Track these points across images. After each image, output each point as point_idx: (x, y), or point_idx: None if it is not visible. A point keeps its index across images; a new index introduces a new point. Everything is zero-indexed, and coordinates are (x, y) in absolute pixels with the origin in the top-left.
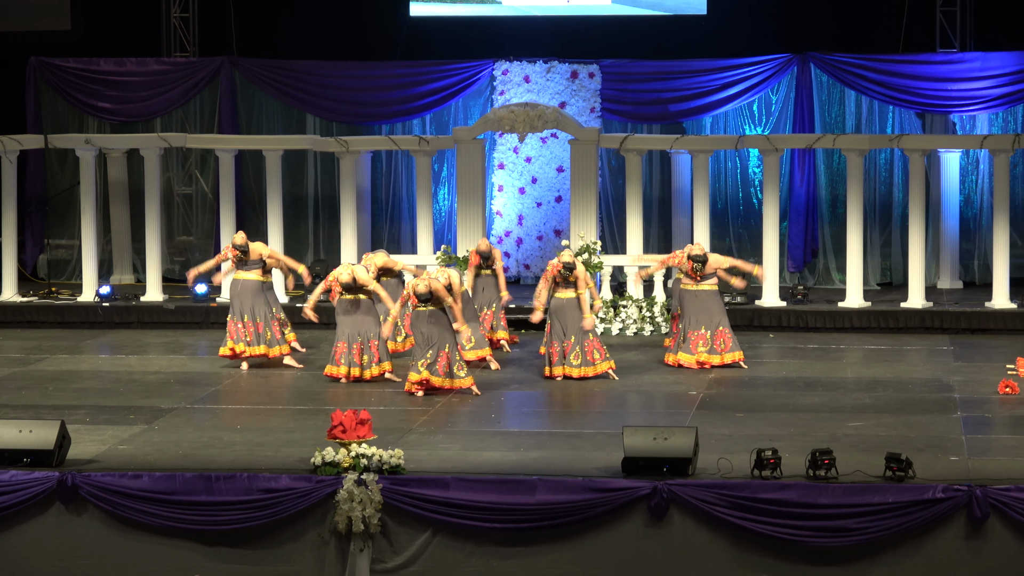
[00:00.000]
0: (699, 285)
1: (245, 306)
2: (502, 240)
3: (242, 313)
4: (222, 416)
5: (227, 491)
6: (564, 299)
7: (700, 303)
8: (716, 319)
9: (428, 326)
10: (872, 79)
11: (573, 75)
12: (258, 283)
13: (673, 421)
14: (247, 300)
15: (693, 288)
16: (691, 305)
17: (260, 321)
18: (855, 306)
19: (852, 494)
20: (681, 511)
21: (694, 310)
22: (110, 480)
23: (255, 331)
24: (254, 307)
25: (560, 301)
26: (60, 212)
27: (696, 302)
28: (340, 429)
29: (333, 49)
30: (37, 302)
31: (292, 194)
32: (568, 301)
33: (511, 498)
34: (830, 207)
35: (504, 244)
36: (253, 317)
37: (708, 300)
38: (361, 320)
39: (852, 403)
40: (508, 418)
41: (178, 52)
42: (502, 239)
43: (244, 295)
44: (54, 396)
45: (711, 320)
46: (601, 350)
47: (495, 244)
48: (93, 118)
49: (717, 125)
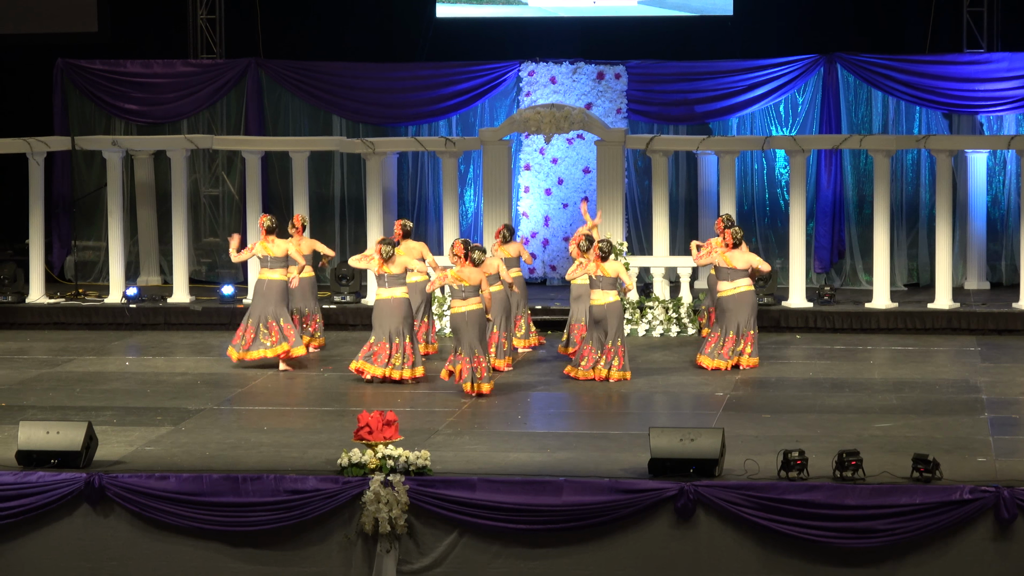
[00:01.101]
0: (735, 286)
1: (268, 310)
2: (528, 241)
3: (260, 317)
4: (249, 417)
5: (254, 492)
6: (606, 304)
7: (734, 305)
8: (746, 322)
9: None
10: (899, 79)
11: (599, 76)
12: (283, 283)
13: (700, 422)
14: (270, 303)
15: (730, 293)
16: (725, 308)
17: (282, 323)
18: (882, 307)
19: (879, 495)
20: (708, 512)
21: (729, 314)
22: (137, 481)
23: (280, 332)
24: (277, 310)
25: (602, 308)
26: (87, 214)
27: (730, 304)
28: (367, 430)
29: (359, 50)
30: (64, 304)
31: (318, 195)
32: (611, 306)
33: (537, 499)
34: (857, 208)
35: (530, 246)
36: (276, 319)
37: (742, 303)
38: (398, 321)
39: (879, 404)
40: (534, 419)
41: (204, 54)
42: (528, 240)
43: (268, 296)
44: (81, 397)
45: (744, 323)
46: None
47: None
48: (120, 120)
49: (743, 126)
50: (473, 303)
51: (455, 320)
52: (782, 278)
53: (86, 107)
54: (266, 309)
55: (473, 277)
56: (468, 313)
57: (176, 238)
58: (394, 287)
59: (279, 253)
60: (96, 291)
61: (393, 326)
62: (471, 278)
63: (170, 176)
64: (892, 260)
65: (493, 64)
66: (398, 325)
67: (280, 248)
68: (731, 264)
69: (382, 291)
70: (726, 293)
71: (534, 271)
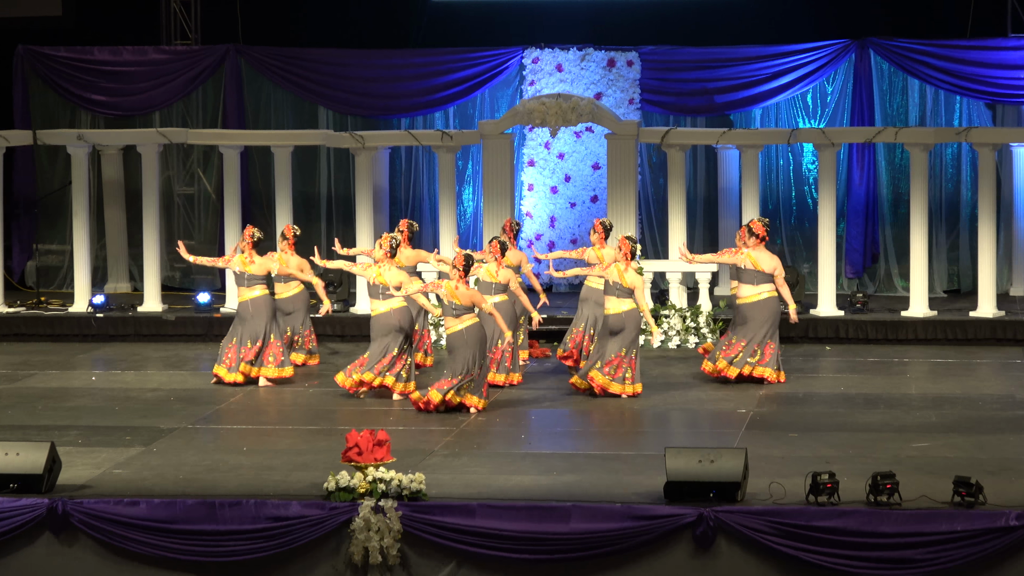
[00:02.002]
0: (758, 292)
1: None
2: (532, 244)
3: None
4: (227, 437)
5: (232, 519)
6: (623, 313)
7: (756, 314)
8: (765, 333)
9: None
10: (937, 66)
11: (610, 63)
12: (266, 298)
13: (720, 442)
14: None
15: (752, 300)
16: (747, 316)
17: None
18: (919, 315)
19: (917, 522)
20: (729, 540)
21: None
22: (104, 507)
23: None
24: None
25: (620, 317)
26: (50, 215)
27: (752, 313)
28: (356, 451)
29: (348, 36)
30: (25, 313)
31: (303, 194)
32: (628, 315)
33: (543, 526)
34: (892, 207)
35: (535, 248)
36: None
37: (765, 310)
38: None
39: (917, 422)
40: (539, 439)
41: (179, 40)
42: (532, 243)
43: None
44: (43, 416)
45: (763, 335)
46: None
47: (523, 248)
48: (86, 112)
49: (768, 118)
50: (468, 319)
51: (451, 340)
52: (810, 284)
53: (49, 98)
54: (256, 329)
55: (465, 298)
56: (465, 330)
57: (147, 241)
58: (390, 298)
59: (260, 272)
60: (60, 299)
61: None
62: (463, 298)
63: (141, 173)
64: (930, 264)
65: (494, 50)
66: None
67: (261, 267)
68: (757, 266)
69: (377, 304)
70: (747, 300)
71: (538, 276)
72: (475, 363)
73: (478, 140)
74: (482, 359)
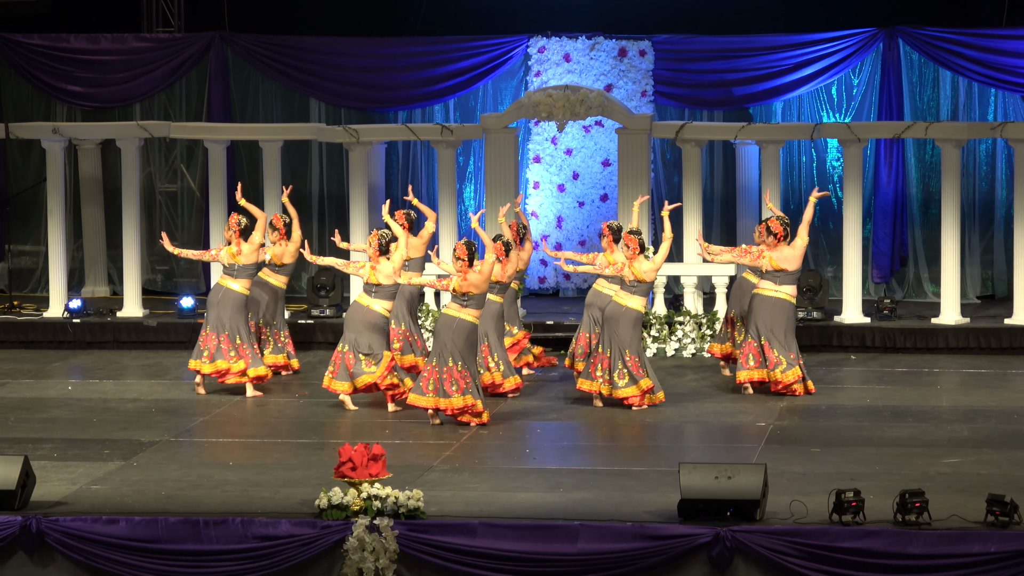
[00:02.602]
0: (776, 291)
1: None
2: (538, 245)
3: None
4: (212, 451)
5: (218, 539)
6: (625, 307)
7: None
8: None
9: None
10: (971, 57)
11: (621, 53)
12: (242, 296)
13: (738, 457)
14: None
15: (768, 294)
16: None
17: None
18: (951, 323)
19: (947, 543)
20: (747, 562)
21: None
22: (81, 525)
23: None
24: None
25: (619, 308)
26: (23, 213)
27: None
28: (349, 466)
29: (342, 23)
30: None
31: (294, 192)
32: (628, 311)
33: (549, 547)
34: (922, 207)
35: (540, 250)
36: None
37: (779, 308)
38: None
39: (948, 436)
40: (545, 453)
41: (161, 27)
42: (538, 244)
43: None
44: (16, 428)
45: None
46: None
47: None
48: (62, 104)
49: (789, 111)
50: (467, 314)
51: (440, 321)
52: (835, 289)
53: (22, 89)
54: (221, 319)
55: (476, 284)
56: (457, 321)
57: (127, 242)
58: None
59: (248, 261)
60: (34, 304)
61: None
62: (474, 286)
63: (120, 169)
64: (963, 268)
65: (497, 39)
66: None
67: (249, 257)
68: (780, 266)
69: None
70: (764, 292)
71: (544, 280)
72: (453, 358)
73: (480, 135)
74: (465, 361)
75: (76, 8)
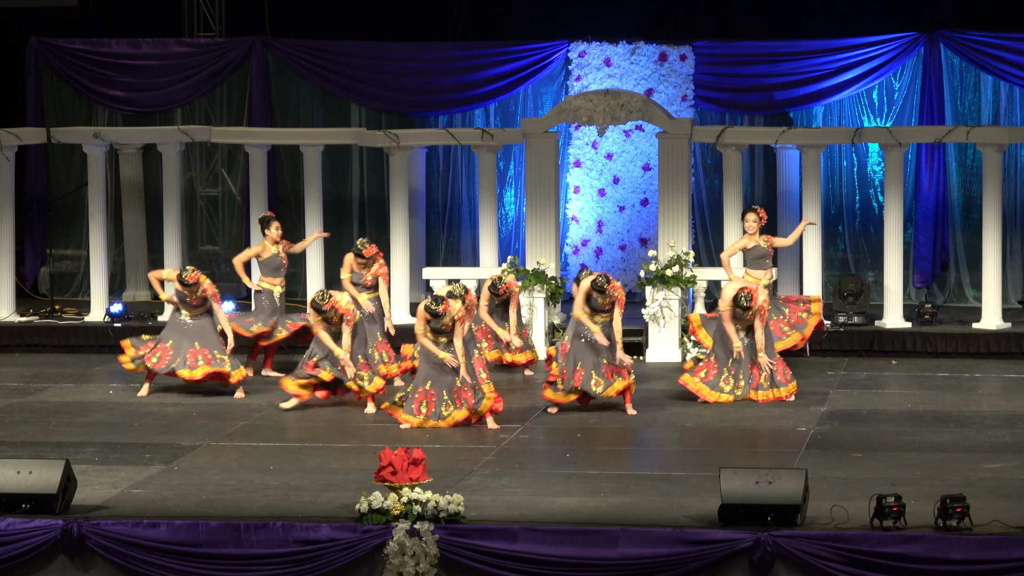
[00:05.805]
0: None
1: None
2: (578, 250)
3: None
4: (252, 455)
5: (258, 543)
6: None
7: None
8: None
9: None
10: (1013, 61)
11: (662, 57)
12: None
13: (779, 462)
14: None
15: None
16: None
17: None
18: (992, 328)
19: (989, 548)
20: (788, 567)
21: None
22: (122, 529)
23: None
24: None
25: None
26: (65, 218)
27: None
28: (390, 470)
29: (382, 28)
30: (38, 323)
31: (334, 196)
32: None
33: (589, 551)
34: (963, 212)
35: (581, 255)
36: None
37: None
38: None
39: (989, 441)
40: (585, 458)
41: (202, 32)
42: (579, 249)
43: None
44: (57, 432)
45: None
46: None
47: (568, 256)
48: (103, 108)
49: (830, 116)
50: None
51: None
52: (875, 294)
53: (64, 93)
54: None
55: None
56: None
57: (168, 246)
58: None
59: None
60: (75, 308)
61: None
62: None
63: (161, 174)
64: (1004, 273)
65: (538, 44)
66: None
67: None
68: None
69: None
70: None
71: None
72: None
73: (521, 139)
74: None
75: (118, 13)
